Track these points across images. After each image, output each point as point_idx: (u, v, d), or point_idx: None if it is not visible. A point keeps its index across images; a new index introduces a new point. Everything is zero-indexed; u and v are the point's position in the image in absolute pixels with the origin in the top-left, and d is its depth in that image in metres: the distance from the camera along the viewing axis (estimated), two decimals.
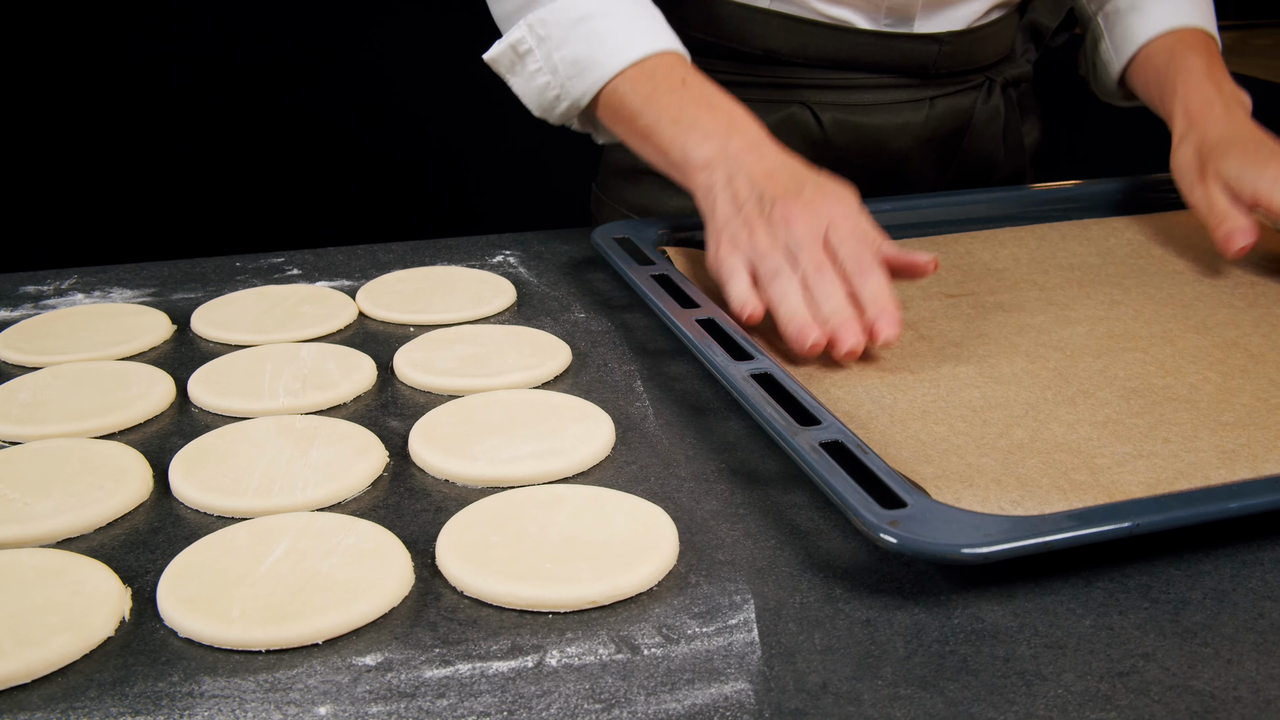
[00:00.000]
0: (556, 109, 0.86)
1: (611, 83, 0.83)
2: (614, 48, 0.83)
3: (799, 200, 0.72)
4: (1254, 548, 0.53)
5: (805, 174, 0.75)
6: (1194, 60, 0.94)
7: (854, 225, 0.72)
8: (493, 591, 0.50)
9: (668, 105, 0.80)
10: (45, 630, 0.47)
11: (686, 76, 0.82)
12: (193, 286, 0.86)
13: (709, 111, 0.79)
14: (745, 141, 0.77)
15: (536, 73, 0.86)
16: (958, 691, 0.45)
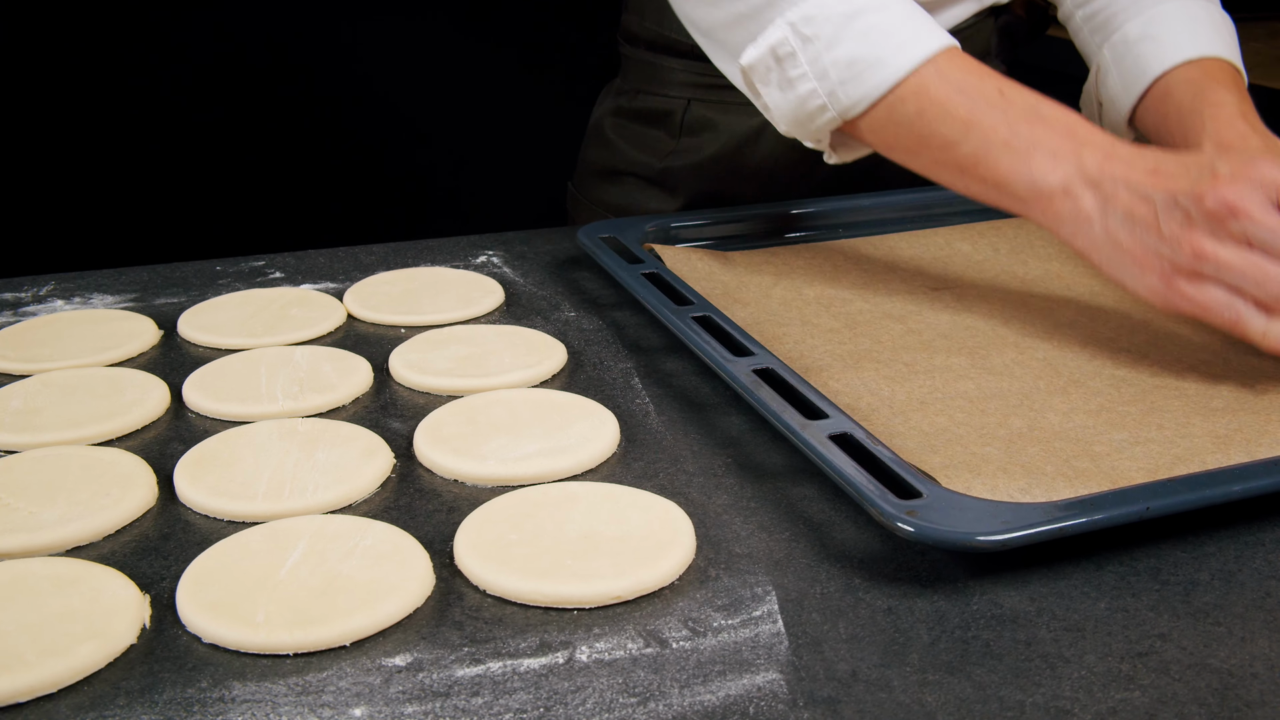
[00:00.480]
0: (817, 121, 0.75)
1: (898, 90, 0.71)
2: (898, 45, 0.71)
3: (1224, 185, 0.62)
4: (1256, 529, 0.55)
5: (1188, 157, 0.65)
6: (1224, 95, 0.82)
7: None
8: (517, 589, 0.50)
9: (993, 126, 0.69)
10: (68, 639, 0.47)
11: (1001, 85, 0.70)
12: (174, 291, 0.85)
13: (1044, 126, 0.69)
14: (1100, 151, 0.67)
15: (799, 79, 0.74)
16: (984, 675, 0.46)
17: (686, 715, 0.44)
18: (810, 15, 0.73)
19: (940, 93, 0.70)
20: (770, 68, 0.75)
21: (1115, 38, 0.91)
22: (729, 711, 0.44)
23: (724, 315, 0.71)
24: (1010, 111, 0.69)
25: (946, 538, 0.49)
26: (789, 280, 0.83)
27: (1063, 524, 0.49)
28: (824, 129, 0.75)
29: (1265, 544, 0.54)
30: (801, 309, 0.78)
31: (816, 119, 0.75)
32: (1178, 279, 0.64)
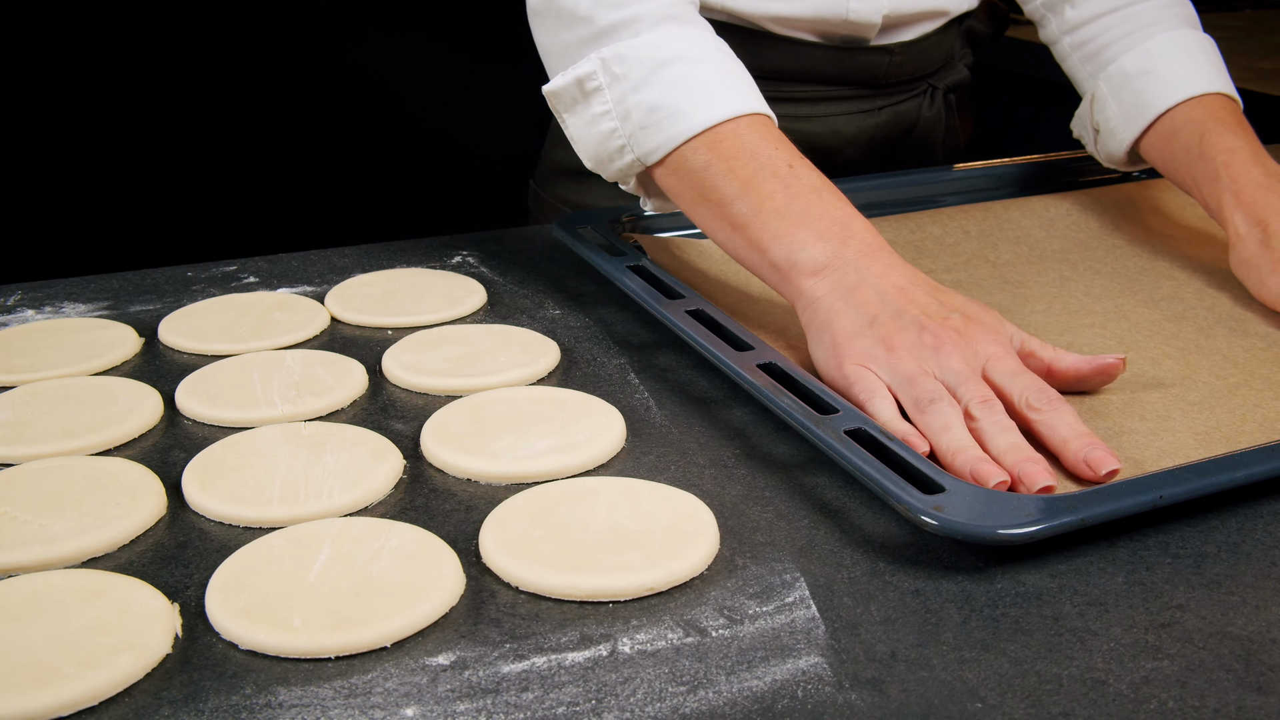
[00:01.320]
0: (616, 162, 0.76)
1: (692, 142, 0.72)
2: (702, 100, 0.72)
3: (948, 328, 0.63)
4: (1255, 503, 0.57)
5: (944, 295, 0.66)
6: (1233, 140, 0.83)
7: (1015, 363, 0.63)
8: (551, 585, 0.50)
9: (771, 194, 0.70)
10: (103, 651, 0.46)
11: (793, 160, 0.71)
12: (148, 298, 0.83)
13: (820, 208, 0.69)
14: (864, 247, 0.68)
15: (602, 116, 0.75)
16: (1019, 651, 0.47)
17: (737, 701, 0.44)
18: (623, 55, 0.74)
19: (731, 150, 0.71)
20: (576, 98, 0.76)
21: (1111, 69, 0.92)
22: (778, 696, 0.45)
23: (716, 308, 0.72)
24: (793, 185, 0.70)
25: (974, 532, 0.50)
26: None
27: (1083, 515, 0.51)
28: (626, 171, 0.77)
29: (1264, 516, 0.56)
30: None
31: (617, 159, 0.76)
32: (856, 360, 0.64)
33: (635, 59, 0.73)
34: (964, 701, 0.44)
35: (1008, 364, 0.63)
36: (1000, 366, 0.63)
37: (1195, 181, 0.85)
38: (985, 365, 0.63)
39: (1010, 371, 0.62)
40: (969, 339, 0.63)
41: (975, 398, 0.60)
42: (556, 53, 0.78)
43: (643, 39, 0.74)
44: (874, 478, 0.53)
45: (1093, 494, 0.52)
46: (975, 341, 0.63)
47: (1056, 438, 0.59)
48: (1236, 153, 0.82)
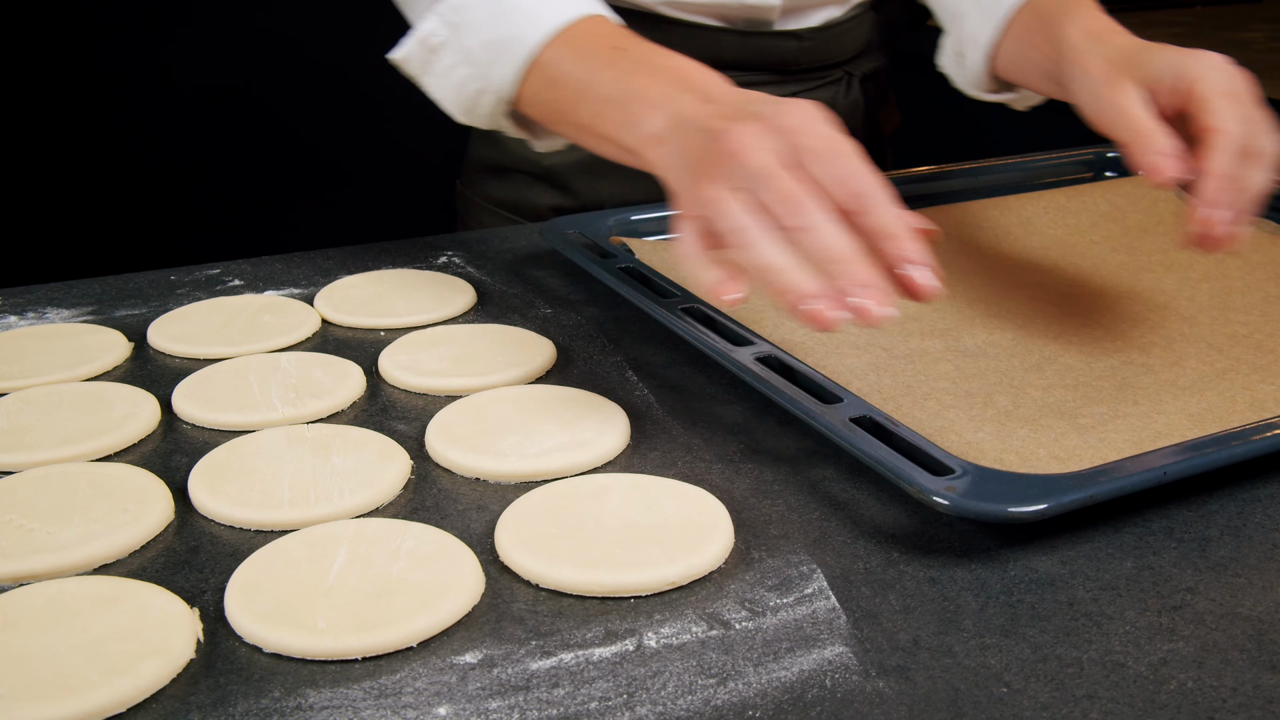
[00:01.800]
0: (480, 106, 0.76)
1: (536, 62, 0.72)
2: (531, 18, 0.72)
3: (745, 121, 0.57)
4: (1252, 487, 0.58)
5: (758, 95, 0.61)
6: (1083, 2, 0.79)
7: (827, 138, 0.55)
8: (573, 581, 0.51)
9: (603, 83, 0.68)
10: (127, 657, 0.46)
11: (621, 41, 0.70)
12: (133, 302, 0.82)
13: (649, 76, 0.66)
14: (698, 95, 0.63)
15: (453, 67, 0.75)
16: (1038, 636, 0.48)
17: (767, 691, 0.45)
18: (458, 5, 0.74)
19: (566, 62, 0.71)
20: (425, 59, 0.77)
21: None
22: (807, 685, 0.45)
23: (711, 305, 0.72)
24: (620, 66, 0.68)
25: (985, 511, 0.51)
26: None
27: (1092, 491, 0.52)
28: (493, 113, 0.76)
29: (1262, 500, 0.57)
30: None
31: (480, 104, 0.76)
32: (680, 219, 0.59)
33: (472, 3, 0.74)
34: (989, 687, 0.45)
35: (815, 142, 0.55)
36: (807, 144, 0.55)
37: (1048, 43, 0.79)
38: (794, 150, 0.55)
39: (816, 151, 0.55)
40: (767, 122, 0.56)
41: (776, 197, 0.54)
42: (412, 19, 0.79)
43: None
44: (883, 462, 0.54)
45: (1100, 471, 0.54)
46: (776, 121, 0.56)
47: (869, 233, 0.54)
48: (1083, 4, 0.78)
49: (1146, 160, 0.66)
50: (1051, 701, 0.44)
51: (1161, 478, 0.53)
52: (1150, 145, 0.66)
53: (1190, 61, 0.68)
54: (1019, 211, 0.96)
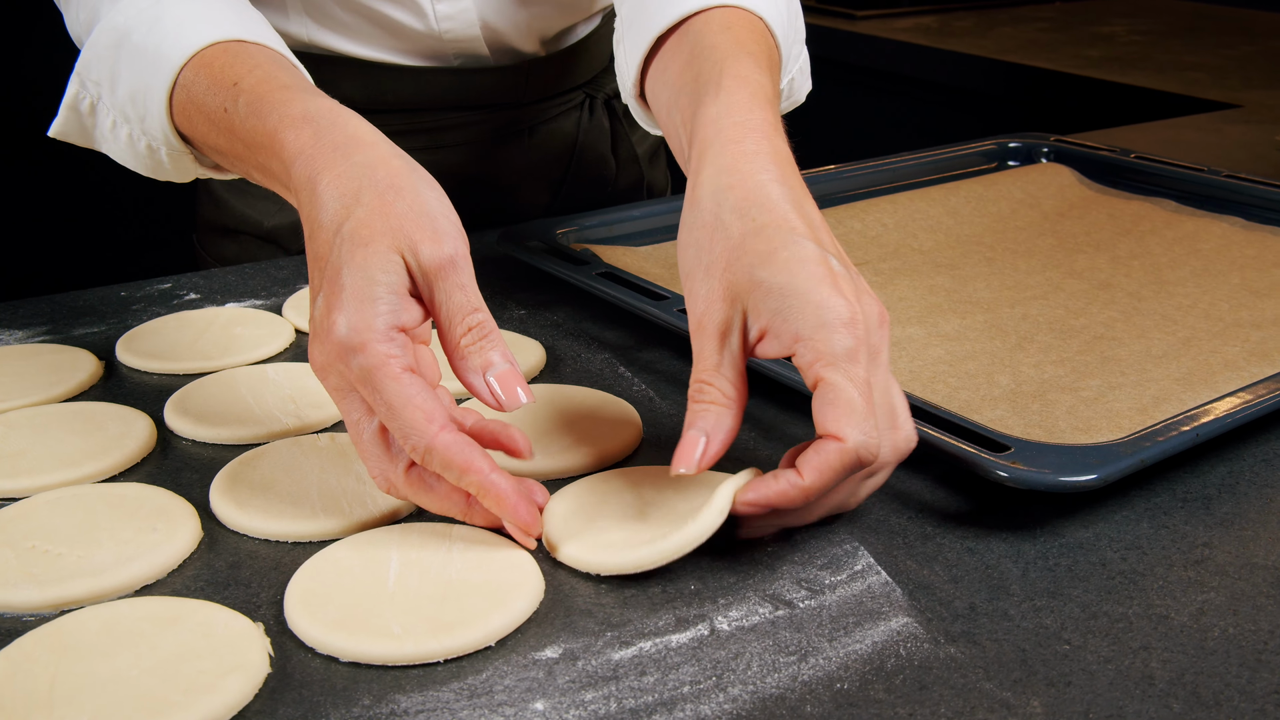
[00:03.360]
0: (161, 160, 0.68)
1: (175, 109, 0.64)
2: (154, 63, 0.64)
3: (315, 330, 0.53)
4: (1238, 449, 0.62)
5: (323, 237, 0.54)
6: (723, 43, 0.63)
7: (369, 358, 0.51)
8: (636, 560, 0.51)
9: (228, 150, 0.62)
10: (206, 675, 0.45)
11: (226, 105, 0.61)
12: (89, 320, 0.79)
13: (254, 153, 0.60)
14: (289, 190, 0.58)
15: (115, 126, 0.67)
16: (1082, 595, 0.51)
17: (848, 664, 0.47)
18: (88, 60, 0.67)
19: (192, 116, 0.63)
20: (85, 125, 0.69)
21: None
22: (883, 656, 0.47)
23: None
24: (231, 133, 0.61)
25: (1050, 483, 0.53)
26: None
27: (1142, 456, 0.55)
28: (179, 165, 0.68)
29: (1247, 460, 0.61)
30: None
31: (159, 158, 0.68)
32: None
33: (96, 58, 0.67)
34: (1052, 645, 0.48)
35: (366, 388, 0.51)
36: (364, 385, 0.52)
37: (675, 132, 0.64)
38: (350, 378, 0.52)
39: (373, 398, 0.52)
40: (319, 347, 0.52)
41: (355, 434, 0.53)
42: None
43: (94, 33, 0.67)
44: (937, 443, 0.56)
45: (1143, 437, 0.57)
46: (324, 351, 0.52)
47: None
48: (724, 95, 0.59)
49: (683, 440, 0.52)
50: (1112, 654, 0.47)
51: (1195, 439, 0.57)
52: (696, 420, 0.53)
53: (804, 315, 0.51)
54: (944, 202, 1.00)
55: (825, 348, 0.51)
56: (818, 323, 0.51)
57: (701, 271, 0.54)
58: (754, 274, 0.52)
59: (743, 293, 0.53)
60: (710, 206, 0.55)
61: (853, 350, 0.51)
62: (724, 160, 0.56)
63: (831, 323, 0.51)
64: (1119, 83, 1.55)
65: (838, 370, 0.50)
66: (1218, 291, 0.81)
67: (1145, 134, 1.28)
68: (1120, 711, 0.44)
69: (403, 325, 0.52)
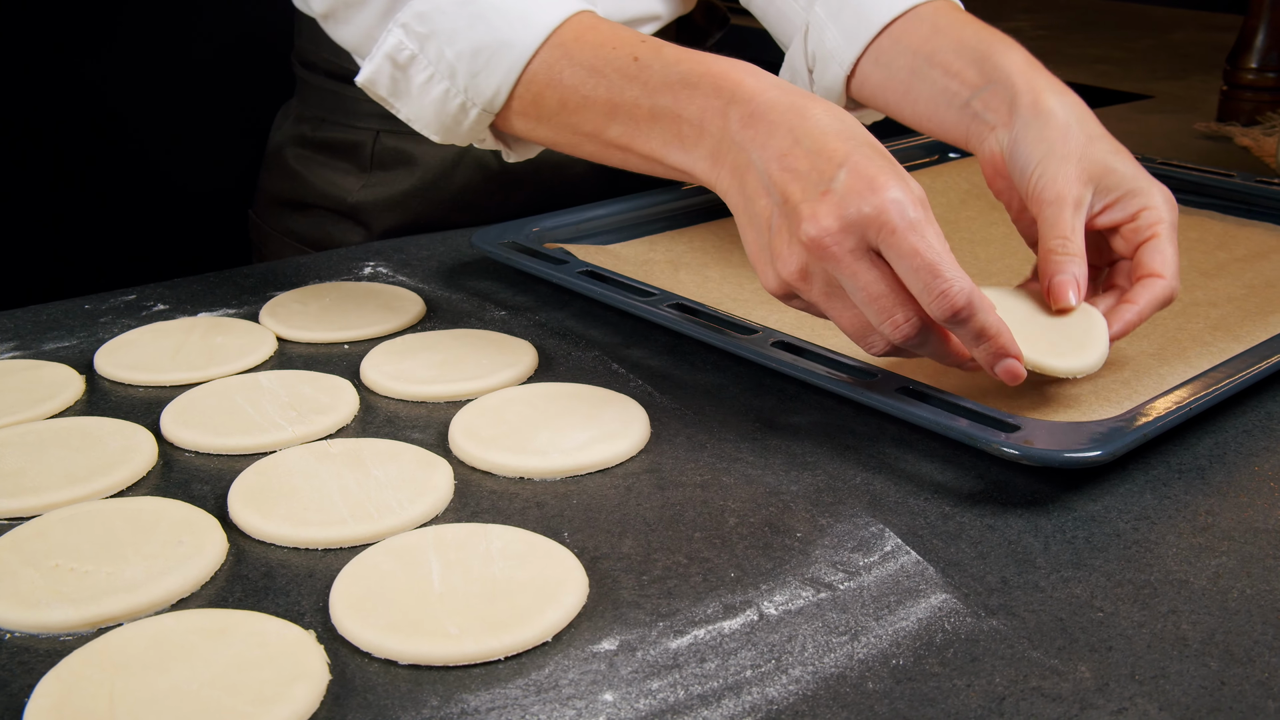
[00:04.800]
0: (463, 123, 0.71)
1: (530, 69, 0.67)
2: (517, 20, 0.66)
3: (820, 213, 0.57)
4: (1221, 420, 0.65)
5: (823, 146, 0.58)
6: (971, 22, 0.77)
7: (907, 228, 0.56)
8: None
9: (635, 101, 0.64)
10: (270, 685, 0.44)
11: (637, 50, 0.65)
12: (57, 334, 0.77)
13: (686, 90, 0.62)
14: (743, 113, 0.60)
15: (429, 82, 0.70)
16: (1104, 565, 0.53)
17: (899, 640, 0.48)
18: (423, 12, 0.69)
19: (574, 78, 0.66)
20: (395, 77, 0.71)
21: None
22: (931, 631, 0.49)
23: (694, 301, 0.74)
24: (649, 81, 0.63)
25: (1061, 459, 0.55)
26: (688, 263, 0.87)
27: (1144, 430, 0.57)
28: (477, 128, 0.71)
29: (1229, 431, 0.64)
30: (719, 287, 0.83)
31: (463, 120, 0.71)
32: (773, 287, 0.61)
33: (438, 10, 0.68)
34: (1086, 613, 0.50)
35: (898, 242, 0.56)
36: (888, 240, 0.57)
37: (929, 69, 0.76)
38: (878, 246, 0.57)
39: (898, 251, 0.57)
40: (846, 204, 0.56)
41: (863, 298, 0.58)
42: (360, 41, 0.73)
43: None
44: (946, 425, 0.58)
45: (1139, 412, 0.60)
46: (854, 204, 0.56)
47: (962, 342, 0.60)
48: (984, 30, 0.76)
49: (1058, 280, 0.65)
50: (1144, 619, 0.49)
51: (1190, 411, 0.60)
52: (1068, 266, 0.65)
53: (1152, 196, 0.68)
54: None
55: (1163, 216, 0.67)
56: (1160, 201, 0.68)
57: (1056, 160, 0.68)
58: (1109, 162, 0.68)
59: (1097, 175, 0.68)
60: (1061, 115, 0.69)
61: (1176, 225, 0.68)
62: (1055, 87, 0.71)
63: (1168, 200, 0.68)
64: None
65: (1168, 232, 0.67)
66: None
67: None
68: (1163, 672, 0.46)
69: None
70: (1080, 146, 0.68)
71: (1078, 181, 0.67)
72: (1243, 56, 1.31)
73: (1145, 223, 0.67)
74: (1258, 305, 0.78)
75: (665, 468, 0.61)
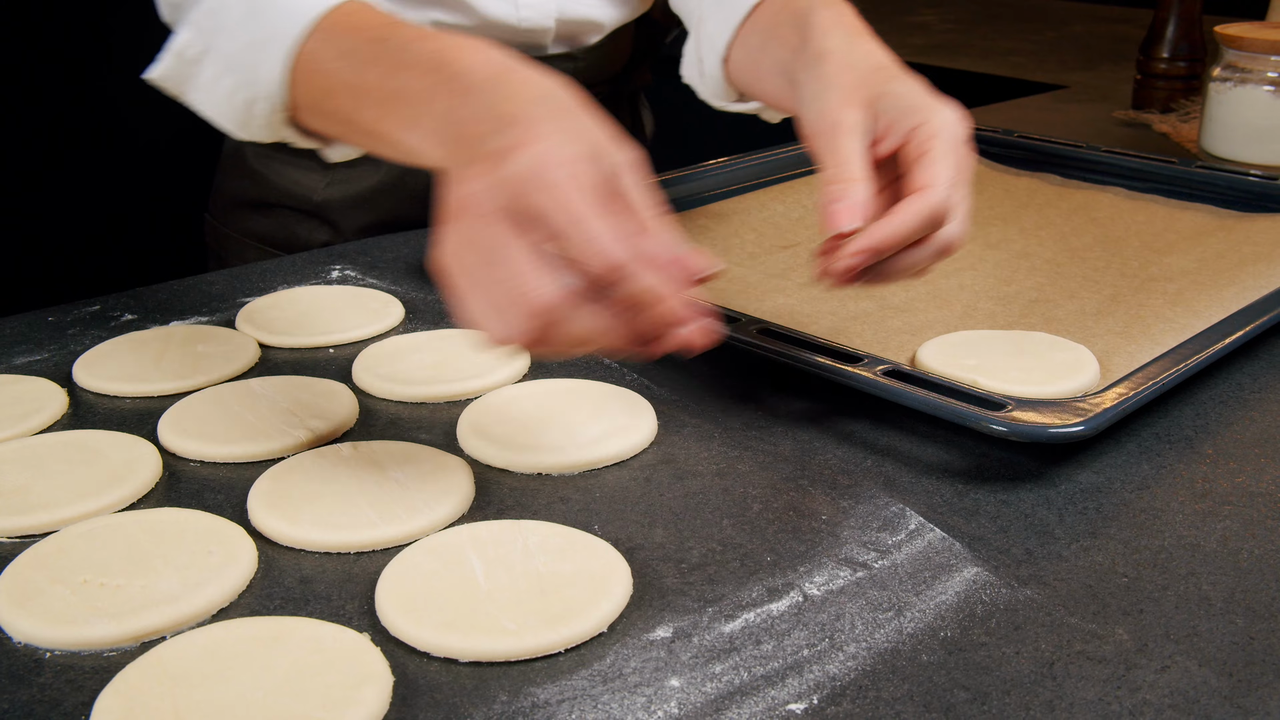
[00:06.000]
0: (254, 117, 0.68)
1: (299, 60, 0.64)
2: (286, 12, 0.64)
3: (472, 168, 0.51)
4: (1198, 392, 0.68)
5: (514, 111, 0.52)
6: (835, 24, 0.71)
7: (557, 191, 0.49)
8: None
9: (375, 83, 0.60)
10: (338, 689, 0.44)
11: (381, 31, 0.61)
12: (25, 348, 0.75)
13: (410, 70, 0.58)
14: (453, 88, 0.55)
15: (217, 78, 0.68)
16: (1118, 533, 0.55)
17: (942, 613, 0.49)
18: (213, 8, 0.68)
19: (330, 64, 0.63)
20: (185, 74, 0.69)
21: None
22: (971, 603, 0.50)
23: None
24: (383, 61, 0.60)
25: (1051, 434, 0.57)
26: None
27: (1125, 404, 0.60)
28: (273, 123, 0.68)
29: (1206, 402, 0.68)
30: None
31: (253, 114, 0.68)
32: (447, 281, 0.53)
33: (223, 5, 0.67)
34: (1111, 579, 0.52)
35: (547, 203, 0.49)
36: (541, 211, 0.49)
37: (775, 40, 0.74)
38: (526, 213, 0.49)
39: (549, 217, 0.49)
40: (502, 168, 0.50)
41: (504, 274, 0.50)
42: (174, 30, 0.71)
43: None
44: (936, 405, 0.60)
45: (1116, 386, 0.62)
46: (513, 168, 0.49)
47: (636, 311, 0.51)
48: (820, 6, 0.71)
49: (833, 208, 0.61)
50: (1167, 581, 0.52)
51: (1164, 385, 0.62)
52: (847, 193, 0.61)
53: (930, 112, 0.63)
54: None
55: (939, 130, 0.62)
56: (938, 111, 0.63)
57: (832, 90, 0.65)
58: (887, 86, 0.65)
59: (875, 98, 0.64)
60: (843, 50, 0.67)
61: (960, 139, 0.63)
62: (852, 33, 0.69)
63: (949, 112, 0.64)
64: (960, 69, 1.64)
65: (943, 147, 0.62)
66: (1124, 253, 0.88)
67: (994, 115, 1.37)
68: (1195, 630, 0.48)
69: None
70: (858, 77, 0.66)
71: (850, 107, 0.64)
72: (1154, 47, 1.37)
73: (921, 138, 0.63)
74: (1210, 277, 0.82)
75: (679, 458, 0.62)
